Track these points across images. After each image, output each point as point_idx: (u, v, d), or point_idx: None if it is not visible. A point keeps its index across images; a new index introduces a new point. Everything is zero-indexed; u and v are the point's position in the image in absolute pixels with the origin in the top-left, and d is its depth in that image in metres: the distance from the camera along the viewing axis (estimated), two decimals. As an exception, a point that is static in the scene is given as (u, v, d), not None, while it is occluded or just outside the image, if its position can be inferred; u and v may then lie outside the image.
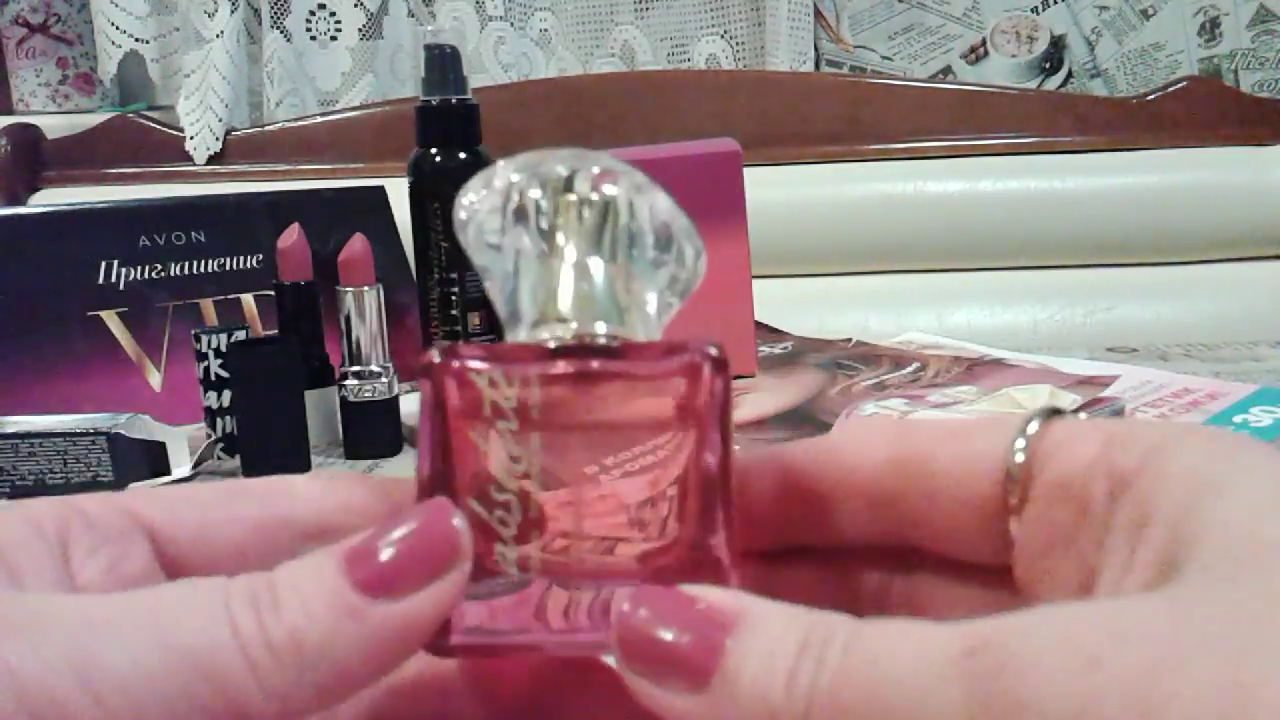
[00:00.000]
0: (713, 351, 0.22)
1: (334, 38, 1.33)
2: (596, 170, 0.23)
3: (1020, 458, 0.21)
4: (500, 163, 0.24)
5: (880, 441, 0.23)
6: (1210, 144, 1.16)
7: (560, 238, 0.23)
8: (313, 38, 1.33)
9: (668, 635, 0.19)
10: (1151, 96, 1.18)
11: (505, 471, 0.21)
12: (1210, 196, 1.15)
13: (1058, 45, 1.32)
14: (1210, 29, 1.29)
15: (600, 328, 0.22)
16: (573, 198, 0.23)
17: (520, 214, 0.23)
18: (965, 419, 0.23)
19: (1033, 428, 0.21)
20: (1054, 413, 0.22)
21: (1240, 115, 1.16)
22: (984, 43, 1.33)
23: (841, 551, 0.25)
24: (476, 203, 0.24)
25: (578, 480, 0.22)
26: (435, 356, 0.21)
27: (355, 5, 1.32)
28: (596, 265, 0.23)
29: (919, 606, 0.24)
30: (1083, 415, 0.22)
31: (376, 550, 0.20)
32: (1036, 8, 1.31)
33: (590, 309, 0.22)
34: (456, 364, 0.21)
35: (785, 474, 0.24)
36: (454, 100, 0.68)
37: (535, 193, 0.23)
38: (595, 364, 0.22)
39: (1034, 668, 0.15)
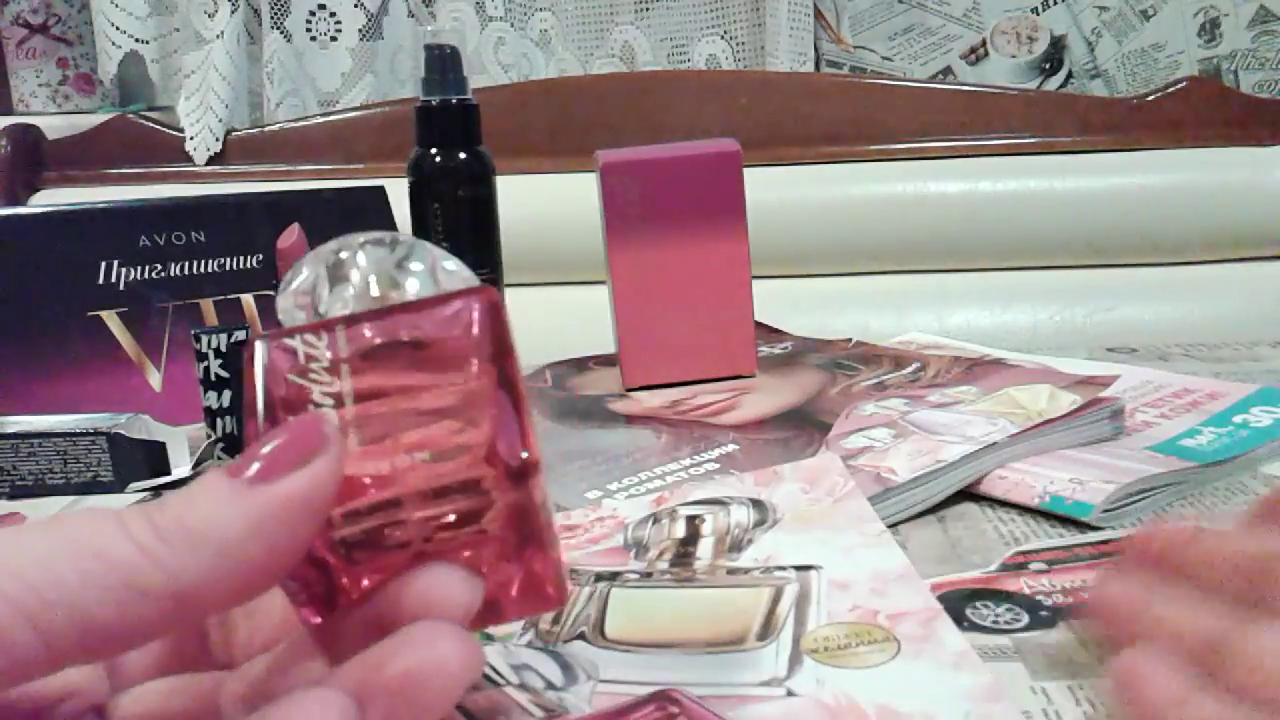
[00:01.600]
0: (488, 297, 0.25)
1: (334, 38, 1.33)
2: (362, 239, 0.29)
3: None
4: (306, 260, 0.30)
5: None
6: (1210, 144, 1.17)
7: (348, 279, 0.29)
8: (313, 38, 1.33)
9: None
10: (1151, 97, 1.18)
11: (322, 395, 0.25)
12: (1210, 196, 1.15)
13: (1058, 45, 1.32)
14: (1210, 29, 1.29)
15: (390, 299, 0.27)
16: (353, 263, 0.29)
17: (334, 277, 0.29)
18: None
19: None
20: None
21: (1240, 115, 1.16)
22: (984, 43, 1.33)
23: None
24: (288, 307, 0.28)
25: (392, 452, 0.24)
26: (256, 339, 0.25)
27: (355, 6, 1.32)
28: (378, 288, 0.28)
29: None
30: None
31: (254, 453, 0.23)
32: (1036, 8, 1.31)
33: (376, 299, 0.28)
34: (276, 340, 0.25)
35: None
36: (454, 100, 0.68)
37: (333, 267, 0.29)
38: (382, 317, 0.26)
39: None
